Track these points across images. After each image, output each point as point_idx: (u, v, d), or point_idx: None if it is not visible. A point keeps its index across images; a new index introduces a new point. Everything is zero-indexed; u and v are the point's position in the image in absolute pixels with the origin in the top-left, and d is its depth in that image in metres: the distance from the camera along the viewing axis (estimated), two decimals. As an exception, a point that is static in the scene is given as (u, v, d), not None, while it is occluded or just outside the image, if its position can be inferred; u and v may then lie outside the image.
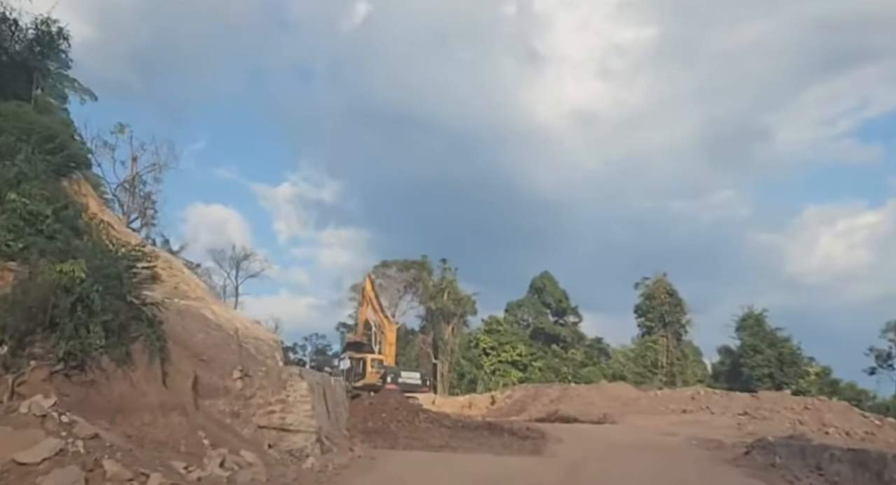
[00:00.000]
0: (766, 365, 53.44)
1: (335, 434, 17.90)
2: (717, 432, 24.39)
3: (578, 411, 30.97)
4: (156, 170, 63.49)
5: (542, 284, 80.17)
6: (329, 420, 18.23)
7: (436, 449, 20.03)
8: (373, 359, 41.81)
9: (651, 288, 62.90)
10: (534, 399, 41.64)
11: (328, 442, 16.46)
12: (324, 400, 18.07)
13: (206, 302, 27.16)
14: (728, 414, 28.99)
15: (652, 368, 61.15)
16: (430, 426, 29.46)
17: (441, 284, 76.19)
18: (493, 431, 26.93)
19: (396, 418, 30.11)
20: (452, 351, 73.62)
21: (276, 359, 28.32)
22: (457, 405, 47.62)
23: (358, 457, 16.38)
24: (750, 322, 56.77)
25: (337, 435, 18.08)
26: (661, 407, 30.61)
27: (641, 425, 26.31)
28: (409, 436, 25.17)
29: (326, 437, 16.60)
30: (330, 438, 16.91)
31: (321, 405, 17.35)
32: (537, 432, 24.75)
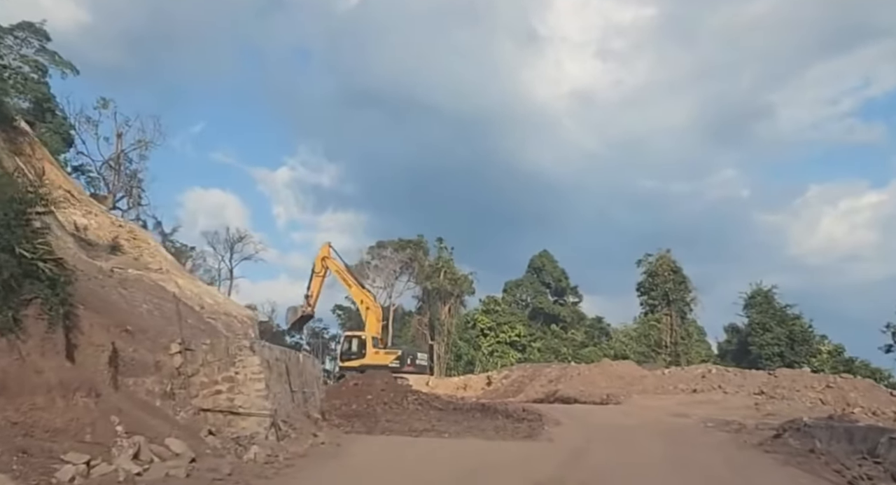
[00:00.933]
0: (776, 343, 51.07)
1: (298, 418, 15.45)
2: (732, 413, 21.98)
3: (579, 391, 28.59)
4: (142, 147, 60.91)
5: (541, 264, 77.77)
6: (293, 402, 15.76)
7: (418, 434, 17.61)
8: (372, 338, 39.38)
9: (654, 265, 60.36)
10: (532, 379, 39.34)
11: (286, 427, 14.02)
12: (286, 379, 15.62)
13: (171, 275, 24.75)
14: (742, 393, 26.58)
15: (655, 347, 58.72)
16: (420, 408, 27.40)
17: (437, 263, 73.76)
18: (486, 413, 24.71)
19: (383, 401, 27.88)
20: (449, 332, 71.32)
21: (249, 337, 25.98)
22: (451, 387, 45.36)
23: (321, 444, 13.92)
24: (758, 299, 54.35)
25: (301, 419, 15.63)
26: (669, 386, 28.21)
27: (648, 406, 23.90)
28: (392, 419, 22.88)
29: (285, 421, 14.15)
30: (290, 422, 14.46)
31: (280, 385, 14.88)
32: (534, 413, 22.39)
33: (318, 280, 38.26)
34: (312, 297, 38.77)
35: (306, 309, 38.72)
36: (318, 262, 38.68)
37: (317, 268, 38.32)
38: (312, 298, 38.27)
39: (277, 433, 13.45)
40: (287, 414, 14.76)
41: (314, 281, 38.12)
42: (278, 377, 15.05)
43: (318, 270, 38.44)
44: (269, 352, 14.53)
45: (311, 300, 38.02)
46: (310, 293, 38.08)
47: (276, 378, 14.82)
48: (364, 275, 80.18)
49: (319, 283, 38.51)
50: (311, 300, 37.94)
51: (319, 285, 38.83)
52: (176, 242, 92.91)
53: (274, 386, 14.27)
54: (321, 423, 16.98)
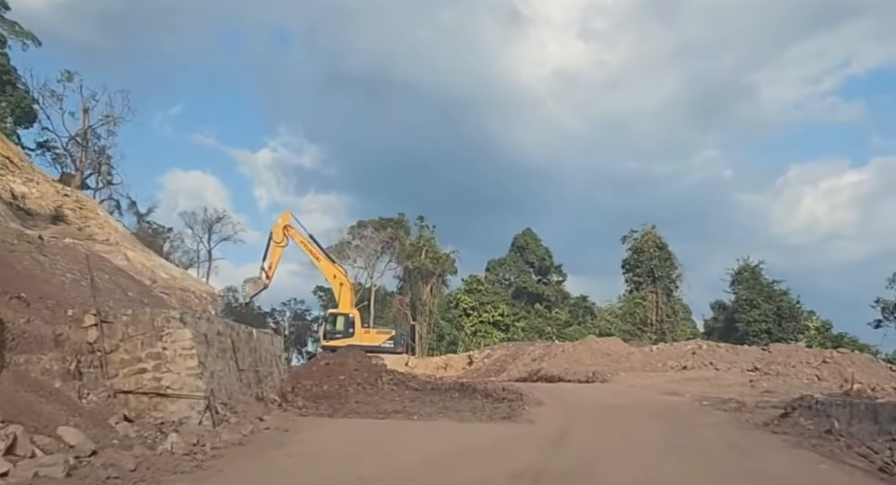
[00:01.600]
0: (764, 320, 49.72)
1: (245, 400, 13.50)
2: (727, 390, 20.33)
3: (563, 369, 26.86)
4: (110, 123, 58.21)
5: (525, 242, 76.04)
6: (240, 382, 13.81)
7: (385, 415, 15.76)
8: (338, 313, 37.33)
9: (640, 241, 58.78)
10: (514, 358, 37.67)
11: (227, 411, 12.08)
12: (232, 356, 13.67)
13: (120, 247, 22.70)
14: (735, 370, 24.97)
15: (641, 325, 57.31)
16: (395, 389, 25.70)
17: (419, 242, 71.82)
18: (465, 392, 23.02)
19: (356, 381, 26.14)
20: (431, 312, 69.57)
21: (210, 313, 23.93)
22: (432, 367, 43.65)
23: (265, 429, 11.98)
24: (746, 275, 52.97)
25: (249, 401, 13.68)
26: (658, 363, 26.56)
27: (637, 384, 22.20)
28: (363, 400, 21.08)
29: (225, 403, 12.20)
30: (232, 405, 12.52)
31: (223, 362, 12.91)
32: (514, 393, 20.60)
33: (278, 251, 35.29)
34: (271, 268, 35.72)
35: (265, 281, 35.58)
36: (277, 230, 35.33)
37: (276, 237, 35.13)
38: (271, 270, 35.31)
39: (214, 418, 11.50)
40: (230, 395, 12.81)
41: (273, 251, 34.94)
42: (221, 354, 13.08)
43: (278, 239, 35.32)
44: (206, 325, 12.52)
45: (270, 272, 34.88)
46: (268, 265, 34.85)
47: (218, 355, 12.86)
48: (345, 255, 78.17)
49: (279, 254, 35.60)
50: (269, 272, 34.96)
51: (279, 256, 35.91)
52: (153, 224, 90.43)
53: (213, 364, 12.30)
54: (273, 405, 15.02)
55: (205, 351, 12.02)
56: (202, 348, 11.89)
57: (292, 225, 35.79)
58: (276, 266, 35.76)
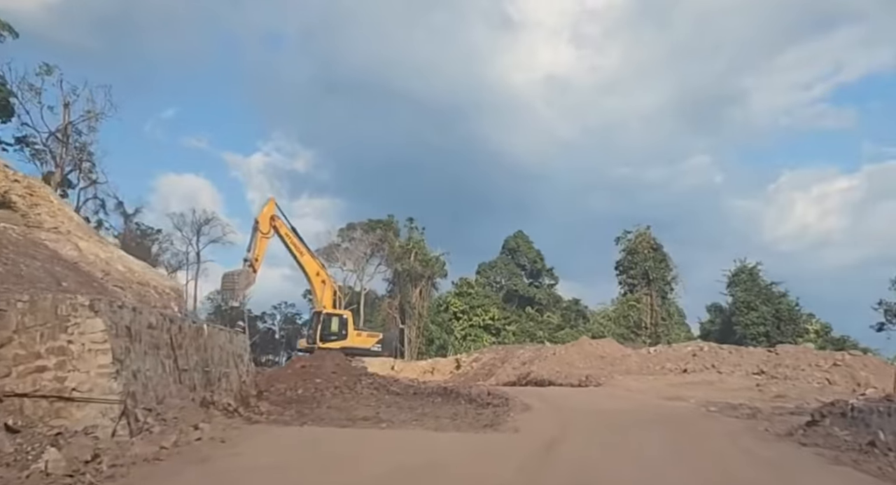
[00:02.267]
0: (762, 323, 47.79)
1: (181, 405, 11.40)
2: (734, 395, 18.32)
3: (554, 372, 24.85)
4: (91, 118, 56.03)
5: (516, 245, 74.10)
6: (177, 384, 11.72)
7: (352, 423, 13.72)
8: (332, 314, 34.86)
9: (633, 242, 56.82)
10: (503, 362, 35.67)
11: (152, 418, 10.02)
12: (169, 353, 11.61)
13: (72, 236, 20.59)
14: (740, 373, 22.99)
15: (635, 329, 55.32)
16: (375, 393, 23.80)
17: (408, 244, 69.78)
18: (448, 397, 21.16)
19: (333, 384, 24.18)
20: (420, 315, 67.48)
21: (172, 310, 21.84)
22: (418, 371, 41.53)
23: (196, 440, 9.90)
24: (743, 277, 51.04)
25: (186, 406, 11.57)
26: (656, 366, 24.57)
27: (635, 388, 20.17)
28: (335, 405, 19.20)
29: (150, 409, 10.14)
30: (161, 411, 10.46)
31: (152, 360, 10.83)
32: (500, 397, 18.60)
33: (265, 242, 31.24)
34: (258, 261, 31.08)
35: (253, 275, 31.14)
36: (264, 220, 31.35)
37: (263, 227, 31.23)
38: (258, 263, 31.81)
39: (131, 426, 9.46)
40: (160, 399, 10.73)
41: (259, 242, 30.95)
42: (153, 350, 11.00)
43: (265, 230, 31.38)
44: (130, 315, 10.43)
45: (257, 265, 31.84)
46: (255, 256, 30.78)
47: (148, 351, 10.78)
48: (334, 258, 76.11)
49: (265, 245, 31.45)
50: (256, 265, 31.90)
51: (265, 249, 31.69)
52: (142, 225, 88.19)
53: (137, 362, 10.24)
54: (223, 410, 12.91)
55: (125, 346, 9.95)
56: (121, 343, 9.82)
57: (277, 215, 32.03)
58: (262, 259, 31.69)
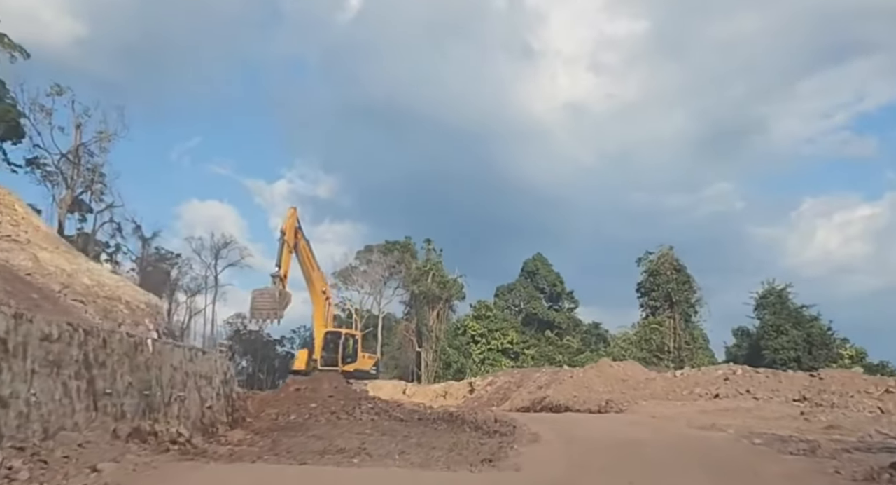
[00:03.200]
0: (792, 347, 44.33)
1: (89, 437, 8.89)
2: (777, 425, 15.48)
3: (571, 397, 22.10)
4: (103, 139, 54.69)
5: (535, 268, 71.26)
6: (90, 411, 9.24)
7: (323, 458, 11.16)
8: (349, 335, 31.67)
9: (656, 263, 53.71)
10: (519, 386, 32.86)
11: (15, 461, 7.50)
12: (84, 373, 9.19)
13: (33, 246, 18.47)
14: (779, 399, 20.06)
15: (657, 353, 51.97)
16: (375, 419, 21.26)
17: (425, 266, 67.32)
18: (453, 424, 18.58)
19: (330, 409, 21.74)
20: (437, 338, 64.69)
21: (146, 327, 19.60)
22: (431, 395, 38.80)
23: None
24: (771, 299, 47.67)
25: (99, 440, 9.06)
26: (684, 391, 21.70)
27: (662, 414, 17.34)
28: (320, 434, 16.61)
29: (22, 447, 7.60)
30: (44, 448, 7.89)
31: (35, 382, 8.35)
32: (508, 425, 15.95)
33: (290, 256, 26.56)
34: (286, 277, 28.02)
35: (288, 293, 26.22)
36: (290, 230, 26.68)
37: (290, 237, 26.56)
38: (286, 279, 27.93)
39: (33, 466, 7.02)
40: (50, 433, 8.23)
41: (286, 256, 26.29)
42: (46, 369, 8.49)
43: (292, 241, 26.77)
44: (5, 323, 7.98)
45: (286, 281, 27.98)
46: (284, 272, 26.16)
47: (37, 370, 8.29)
48: (351, 280, 73.95)
49: (290, 259, 26.77)
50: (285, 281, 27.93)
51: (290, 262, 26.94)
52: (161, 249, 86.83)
53: (13, 384, 7.78)
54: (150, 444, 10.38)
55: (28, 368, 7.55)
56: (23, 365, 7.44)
57: (298, 226, 27.45)
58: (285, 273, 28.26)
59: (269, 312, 24.74)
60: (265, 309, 24.49)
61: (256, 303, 24.62)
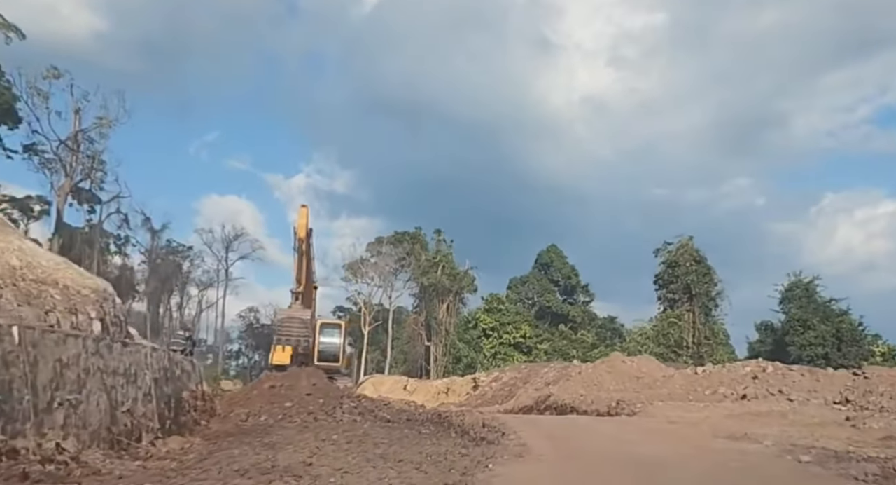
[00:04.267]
0: (820, 343, 41.04)
1: None
2: (823, 435, 12.58)
3: (577, 397, 19.31)
4: (103, 125, 52.64)
5: (550, 259, 68.34)
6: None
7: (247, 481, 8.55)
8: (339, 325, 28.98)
9: (675, 254, 50.45)
10: (525, 382, 30.13)
11: None
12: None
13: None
14: (817, 401, 17.10)
15: (675, 348, 48.82)
16: (358, 420, 18.61)
17: (435, 258, 64.60)
18: (440, 427, 15.90)
19: (307, 409, 19.15)
20: (448, 332, 61.97)
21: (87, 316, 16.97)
22: (433, 391, 36.12)
23: None
24: (798, 292, 44.32)
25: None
26: (706, 390, 18.81)
27: (681, 419, 14.48)
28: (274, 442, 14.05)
29: None
30: None
31: None
32: (497, 431, 13.27)
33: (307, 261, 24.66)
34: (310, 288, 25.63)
35: None
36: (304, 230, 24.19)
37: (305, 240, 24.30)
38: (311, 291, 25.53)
39: None
40: None
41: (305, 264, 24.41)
42: None
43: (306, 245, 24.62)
44: None
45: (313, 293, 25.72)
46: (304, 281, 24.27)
47: None
48: (362, 273, 71.50)
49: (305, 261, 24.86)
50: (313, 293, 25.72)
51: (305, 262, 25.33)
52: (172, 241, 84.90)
53: None
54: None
55: None
56: None
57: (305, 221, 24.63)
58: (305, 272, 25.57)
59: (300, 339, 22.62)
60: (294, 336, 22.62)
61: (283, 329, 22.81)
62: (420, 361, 63.44)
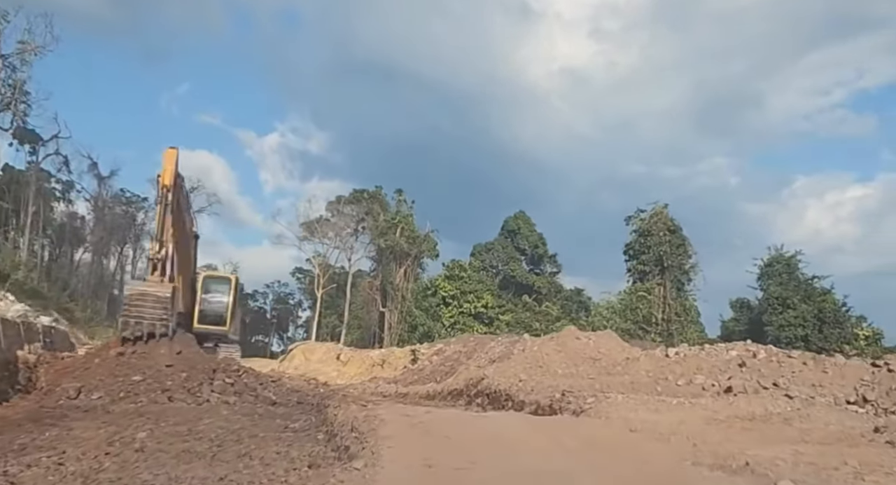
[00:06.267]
0: (800, 324, 37.09)
1: None
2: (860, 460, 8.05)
3: (516, 382, 14.73)
4: (27, 51, 46.91)
5: (517, 227, 63.72)
6: None
7: None
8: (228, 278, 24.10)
9: (647, 222, 45.99)
10: (469, 357, 25.68)
11: None
12: None
13: None
14: (825, 399, 12.68)
15: (643, 324, 44.69)
16: (231, 401, 14.29)
17: (394, 218, 59.71)
18: (316, 421, 11.50)
19: (162, 385, 14.49)
20: (404, 298, 57.46)
21: None
22: (367, 363, 31.56)
23: None
24: (778, 269, 40.20)
25: None
26: (680, 379, 14.32)
27: (649, 425, 9.86)
28: (56, 440, 9.46)
29: None
30: None
31: None
32: (361, 439, 8.65)
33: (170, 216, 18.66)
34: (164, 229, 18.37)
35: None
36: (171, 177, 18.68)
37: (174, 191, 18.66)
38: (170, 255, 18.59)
39: None
40: None
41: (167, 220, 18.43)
42: None
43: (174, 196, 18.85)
44: None
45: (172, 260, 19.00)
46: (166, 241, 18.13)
47: None
48: (322, 233, 66.54)
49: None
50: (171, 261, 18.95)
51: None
52: (126, 192, 78.76)
53: None
54: None
55: None
56: None
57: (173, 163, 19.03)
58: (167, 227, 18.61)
59: (154, 322, 15.85)
60: (146, 319, 15.75)
61: (133, 310, 15.86)
62: (374, 328, 58.98)
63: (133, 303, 15.06)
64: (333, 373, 29.36)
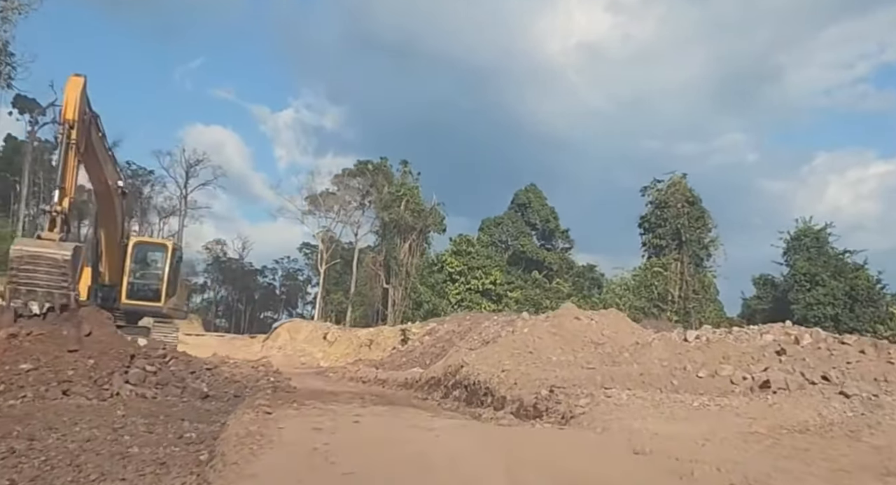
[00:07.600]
0: (830, 302, 33.66)
1: None
2: None
3: (497, 373, 11.82)
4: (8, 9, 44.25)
5: (528, 200, 60.34)
6: None
7: None
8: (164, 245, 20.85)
9: (664, 193, 42.42)
10: (462, 337, 22.77)
11: None
12: None
13: None
14: (892, 395, 9.65)
15: (659, 302, 41.37)
16: (152, 394, 11.31)
17: (399, 191, 56.66)
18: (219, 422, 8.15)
19: (61, 375, 11.49)
20: (408, 274, 54.61)
21: None
22: (356, 343, 28.78)
23: None
24: (807, 242, 36.65)
25: None
26: (701, 371, 11.33)
27: (654, 443, 6.93)
28: None
29: None
30: None
31: None
32: (226, 467, 5.71)
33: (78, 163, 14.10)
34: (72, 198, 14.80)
35: None
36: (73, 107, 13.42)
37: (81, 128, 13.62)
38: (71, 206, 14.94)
39: None
40: None
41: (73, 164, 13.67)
42: None
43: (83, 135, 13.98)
44: None
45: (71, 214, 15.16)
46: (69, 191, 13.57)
47: None
48: (327, 207, 63.88)
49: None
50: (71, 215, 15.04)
51: None
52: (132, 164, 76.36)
53: None
54: None
55: None
56: None
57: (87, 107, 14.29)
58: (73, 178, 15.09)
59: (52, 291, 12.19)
60: (41, 286, 12.14)
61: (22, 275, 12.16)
62: (377, 305, 56.30)
63: (22, 267, 11.81)
64: (319, 354, 26.79)
